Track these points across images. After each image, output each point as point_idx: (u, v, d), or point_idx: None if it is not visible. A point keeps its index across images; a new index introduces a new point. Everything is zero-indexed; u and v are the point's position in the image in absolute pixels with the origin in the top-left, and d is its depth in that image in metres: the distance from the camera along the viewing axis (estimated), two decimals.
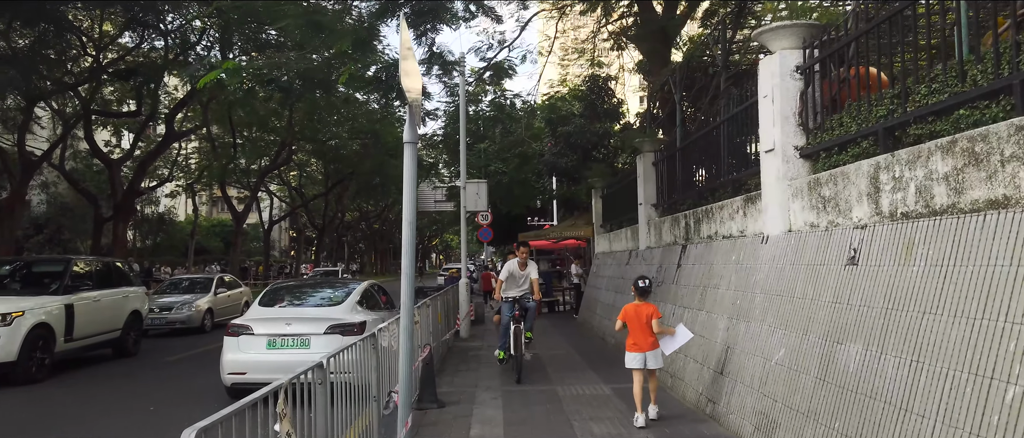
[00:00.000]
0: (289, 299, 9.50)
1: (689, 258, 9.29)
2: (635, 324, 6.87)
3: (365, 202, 61.04)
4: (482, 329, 16.87)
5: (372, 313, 9.54)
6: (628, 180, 14.91)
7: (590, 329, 15.56)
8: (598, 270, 16.99)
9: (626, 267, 13.50)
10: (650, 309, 6.94)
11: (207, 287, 17.94)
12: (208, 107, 29.15)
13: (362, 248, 78.90)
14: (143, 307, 13.30)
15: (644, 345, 6.81)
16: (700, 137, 9.78)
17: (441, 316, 11.80)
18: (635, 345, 6.84)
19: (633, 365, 6.86)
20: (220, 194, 36.93)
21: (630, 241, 13.76)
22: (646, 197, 12.21)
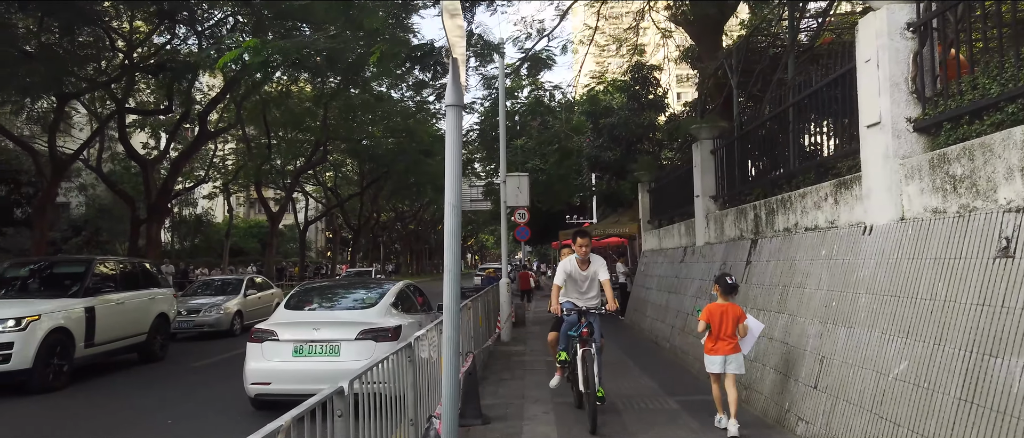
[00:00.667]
0: (318, 301, 8.70)
1: (761, 254, 8.25)
2: (721, 326, 6.31)
3: (400, 202, 60.70)
4: (523, 332, 15.96)
5: (408, 316, 8.70)
6: (680, 172, 13.86)
7: (640, 332, 14.54)
8: (646, 269, 15.96)
9: (680, 265, 12.47)
10: (738, 310, 6.40)
11: (237, 289, 17.35)
12: (242, 106, 28.81)
13: (398, 248, 78.67)
14: (171, 310, 12.66)
15: (726, 348, 6.29)
16: (769, 119, 8.74)
17: (482, 319, 10.92)
18: (716, 348, 6.32)
19: (713, 369, 6.36)
20: (256, 195, 36.56)
21: (684, 237, 12.73)
22: (704, 189, 11.18)
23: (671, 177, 14.64)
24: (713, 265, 10.29)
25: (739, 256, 9.08)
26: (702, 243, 11.25)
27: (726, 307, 6.32)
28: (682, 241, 12.88)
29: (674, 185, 14.26)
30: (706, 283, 10.42)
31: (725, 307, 6.31)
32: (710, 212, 11.04)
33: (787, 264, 7.32)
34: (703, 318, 6.38)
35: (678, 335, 11.28)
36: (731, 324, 6.27)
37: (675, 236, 13.52)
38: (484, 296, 12.46)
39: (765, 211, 8.32)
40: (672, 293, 12.57)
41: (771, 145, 8.99)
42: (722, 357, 6.25)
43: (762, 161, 9.41)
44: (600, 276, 7.48)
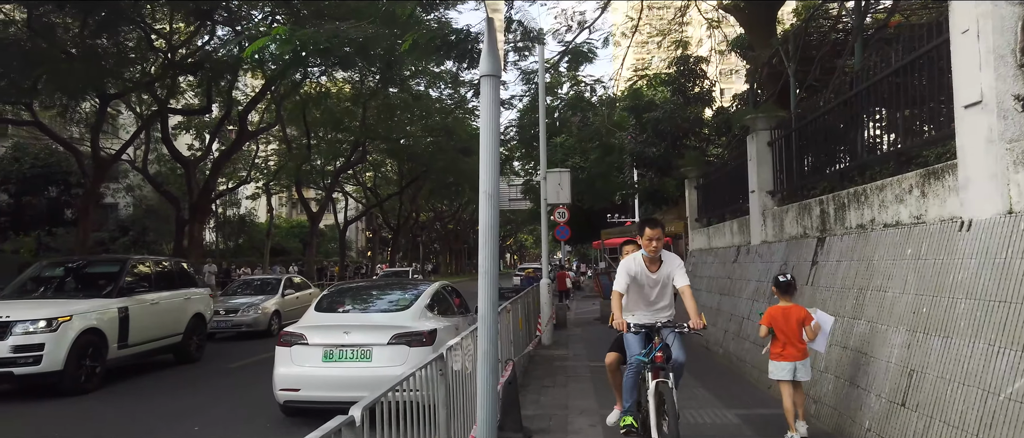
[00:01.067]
0: (350, 303, 8.25)
1: (830, 253, 7.52)
2: (784, 329, 5.93)
3: (439, 202, 60.59)
4: (564, 335, 15.35)
5: (444, 319, 8.19)
6: (732, 166, 13.10)
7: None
8: (694, 269, 15.20)
9: (733, 265, 11.73)
10: (801, 312, 5.98)
11: (275, 289, 17.12)
12: (281, 106, 28.79)
13: (437, 248, 78.68)
14: (207, 310, 12.41)
15: (794, 353, 5.90)
16: (837, 105, 7.98)
17: (522, 322, 10.37)
18: (782, 353, 5.93)
19: (780, 376, 5.95)
20: (296, 195, 36.65)
21: (737, 235, 11.98)
22: (760, 183, 10.43)
23: (721, 172, 13.89)
24: (771, 265, 9.55)
25: (803, 256, 8.35)
26: (758, 241, 10.50)
27: (788, 309, 5.95)
28: (734, 240, 12.13)
29: (724, 181, 13.51)
30: (763, 285, 9.70)
31: (787, 309, 5.95)
32: (767, 208, 10.29)
33: (863, 265, 6.59)
34: (765, 323, 6.01)
35: (732, 340, 10.56)
36: (796, 327, 5.88)
37: (726, 235, 12.77)
38: (524, 298, 11.92)
39: (834, 206, 7.58)
40: (724, 295, 11.84)
41: (838, 134, 8.23)
42: (792, 363, 5.86)
43: (828, 152, 8.65)
44: (677, 281, 5.89)
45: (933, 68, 5.69)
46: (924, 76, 5.95)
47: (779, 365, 5.91)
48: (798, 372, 5.84)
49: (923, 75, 5.96)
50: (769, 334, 5.99)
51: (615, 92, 23.04)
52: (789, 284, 6.05)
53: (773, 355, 5.96)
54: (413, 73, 28.81)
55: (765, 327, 5.98)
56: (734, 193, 12.87)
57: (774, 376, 5.96)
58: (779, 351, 5.91)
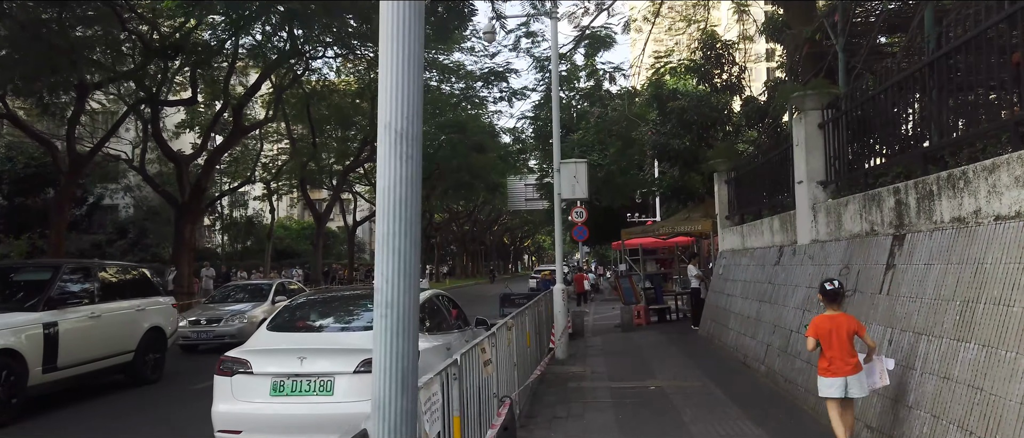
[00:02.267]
0: (313, 320, 6.79)
1: (914, 254, 5.94)
2: (832, 341, 5.39)
3: (454, 203, 59.16)
4: (581, 345, 13.82)
5: (433, 338, 6.73)
6: (770, 156, 11.52)
7: (722, 348, 12.23)
8: (726, 273, 13.62)
9: (775, 269, 10.14)
10: (852, 323, 5.44)
11: (265, 295, 15.75)
12: (282, 100, 27.54)
13: (453, 250, 77.27)
14: (168, 322, 10.90)
15: (845, 367, 5.34)
16: (917, 72, 6.40)
17: (530, 338, 8.87)
18: (832, 368, 5.39)
19: (830, 393, 5.42)
20: (302, 195, 35.41)
21: (779, 234, 10.39)
22: (809, 172, 8.85)
23: (757, 163, 12.30)
24: (826, 268, 7.97)
25: (872, 257, 6.77)
26: (808, 240, 8.91)
27: (836, 318, 5.43)
28: (776, 239, 10.54)
29: (762, 172, 11.93)
30: (816, 291, 8.12)
31: (835, 318, 5.43)
32: (818, 202, 8.70)
33: (968, 269, 5.02)
34: (811, 334, 5.50)
35: (778, 357, 8.98)
36: (846, 338, 5.34)
37: (765, 233, 11.18)
38: (535, 306, 10.44)
39: (916, 195, 6.01)
40: (765, 302, 10.26)
41: (911, 108, 6.66)
42: (842, 379, 5.31)
43: (898, 130, 7.07)
44: None
45: None
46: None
47: (828, 381, 5.38)
48: (850, 388, 5.30)
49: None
50: (817, 348, 5.45)
51: (635, 82, 21.44)
52: (837, 292, 5.52)
53: (821, 370, 5.44)
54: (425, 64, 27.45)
55: (812, 339, 5.45)
56: (773, 186, 11.30)
57: (823, 393, 5.46)
58: (826, 366, 5.40)
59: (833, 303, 5.50)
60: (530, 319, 9.43)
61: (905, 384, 5.55)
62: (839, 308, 5.52)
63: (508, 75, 21.33)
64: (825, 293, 5.54)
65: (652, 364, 11.04)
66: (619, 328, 16.91)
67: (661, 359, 11.56)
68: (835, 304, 5.51)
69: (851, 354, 5.33)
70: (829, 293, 5.51)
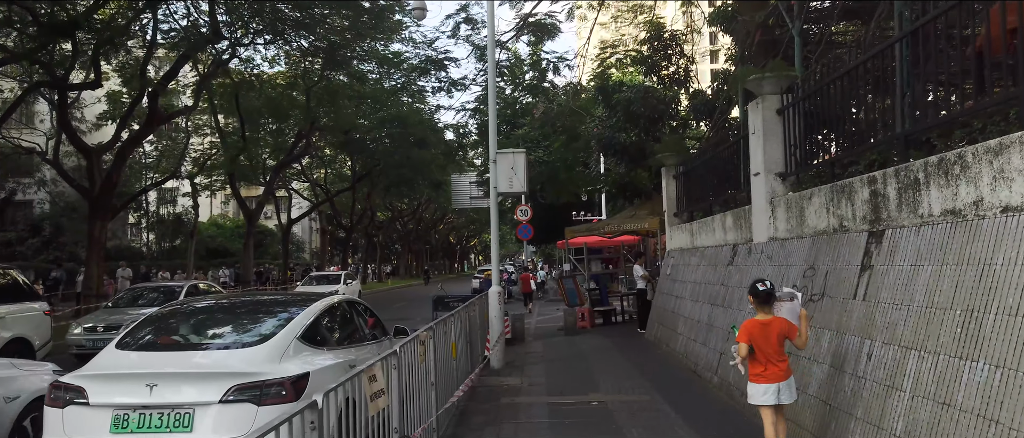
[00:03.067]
0: (182, 334, 5.55)
1: (895, 254, 5.10)
2: (762, 346, 5.12)
3: (399, 201, 57.58)
4: (521, 352, 12.81)
5: (333, 354, 5.60)
6: (722, 148, 10.73)
7: (670, 354, 11.38)
8: (674, 273, 12.80)
9: (728, 269, 9.31)
10: (783, 325, 5.17)
11: (176, 297, 14.25)
12: (206, 87, 25.76)
13: (398, 249, 75.51)
14: (36, 333, 9.41)
15: (776, 373, 5.12)
16: (890, 46, 5.57)
17: (457, 348, 7.80)
18: (764, 374, 5.13)
19: (764, 400, 5.16)
20: (231, 191, 33.50)
21: (732, 231, 9.57)
22: (767, 163, 8.01)
23: (708, 156, 11.49)
24: (787, 269, 7.15)
25: (843, 257, 5.92)
26: (765, 238, 8.08)
27: (767, 322, 5.13)
28: (728, 237, 9.72)
29: (712, 166, 11.13)
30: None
31: (766, 322, 5.14)
32: (777, 195, 7.88)
33: (971, 271, 4.16)
34: (742, 339, 5.17)
35: (733, 368, 8.10)
36: (777, 342, 5.12)
37: (717, 231, 10.36)
38: (469, 309, 9.39)
39: (897, 185, 5.16)
40: (717, 306, 9.42)
41: (888, 86, 5.83)
42: (775, 385, 5.10)
43: (871, 112, 6.26)
44: None
45: None
46: None
47: (761, 387, 5.12)
48: (782, 394, 5.11)
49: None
50: (749, 353, 5.12)
51: (580, 74, 20.57)
52: (770, 294, 5.19)
53: (753, 376, 5.17)
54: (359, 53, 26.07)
55: (744, 345, 5.12)
56: (725, 181, 10.51)
57: (755, 401, 5.20)
58: (760, 371, 5.14)
59: (765, 306, 5.16)
60: (459, 326, 8.36)
61: (889, 407, 4.69)
62: (771, 311, 5.17)
63: (446, 64, 20.22)
64: (757, 295, 5.17)
65: (596, 373, 10.10)
66: (562, 331, 15.99)
67: (605, 367, 10.64)
68: (767, 307, 5.17)
69: (781, 357, 5.12)
70: (762, 295, 5.15)
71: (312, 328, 5.55)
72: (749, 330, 5.14)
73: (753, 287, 5.24)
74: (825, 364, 5.80)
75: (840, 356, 5.58)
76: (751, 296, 5.25)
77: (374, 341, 6.82)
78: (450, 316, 7.57)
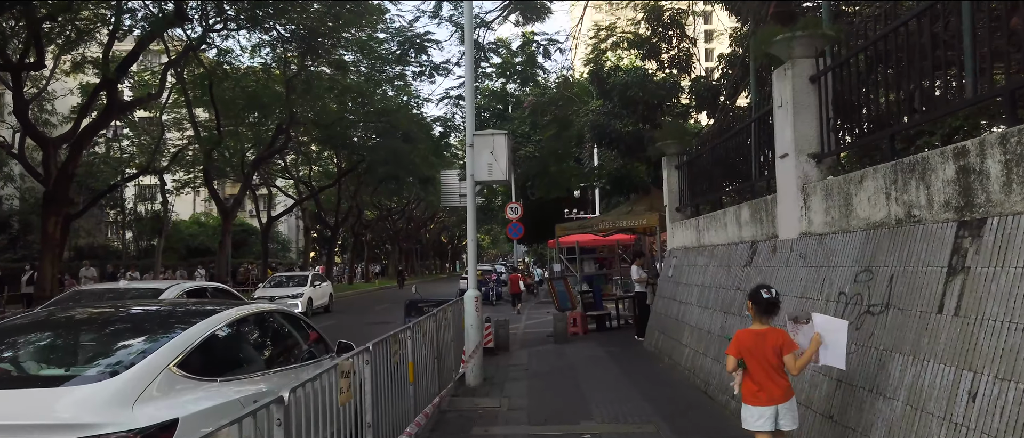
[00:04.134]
0: (21, 361, 4.01)
1: (1007, 251, 3.64)
2: (757, 361, 4.38)
3: (387, 199, 55.96)
4: (502, 364, 11.32)
5: (227, 387, 4.08)
6: (733, 132, 9.26)
7: (674, 369, 9.92)
8: (678, 275, 11.34)
9: (746, 271, 7.85)
10: (780, 337, 4.41)
11: (106, 302, 12.72)
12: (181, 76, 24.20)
13: (388, 248, 73.82)
14: None
15: (774, 393, 4.35)
16: None
17: (414, 368, 6.30)
18: (759, 394, 4.37)
19: (760, 425, 4.40)
20: (206, 187, 31.88)
21: (749, 227, 8.11)
22: (797, 142, 6.55)
23: (717, 143, 10.03)
24: (831, 272, 5.70)
25: (918, 256, 4.46)
26: (795, 233, 6.62)
27: (762, 333, 4.45)
28: (744, 233, 8.26)
29: (722, 153, 9.68)
30: (810, 302, 5.84)
31: (760, 333, 4.45)
32: (811, 180, 6.42)
33: None
34: (732, 352, 4.49)
35: None
36: (773, 356, 4.38)
37: (729, 226, 8.90)
38: (442, 313, 7.91)
39: (1002, 156, 3.70)
40: (732, 314, 7.96)
41: None
42: (773, 408, 4.37)
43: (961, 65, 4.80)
44: None
45: None
46: None
47: (757, 411, 4.43)
48: (781, 419, 4.41)
49: None
50: (739, 368, 4.47)
51: (572, 57, 19.06)
52: (774, 303, 4.54)
53: (747, 397, 4.49)
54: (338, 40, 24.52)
55: (734, 358, 4.48)
56: (738, 169, 9.08)
57: (749, 425, 4.50)
58: (755, 390, 4.43)
59: (765, 316, 4.53)
60: (422, 339, 6.88)
61: None
62: (769, 322, 4.54)
63: (428, 45, 18.77)
64: (760, 303, 4.53)
65: (588, 393, 8.63)
66: (552, 338, 14.51)
67: (600, 385, 9.16)
68: (767, 317, 4.54)
69: (781, 375, 4.45)
70: (764, 303, 4.52)
71: (199, 352, 4.04)
72: (740, 341, 4.51)
73: (755, 293, 4.57)
74: (896, 400, 4.33)
75: (920, 392, 4.11)
76: (751, 302, 4.59)
77: (308, 362, 5.33)
78: (404, 330, 6.08)
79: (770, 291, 4.55)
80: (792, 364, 4.41)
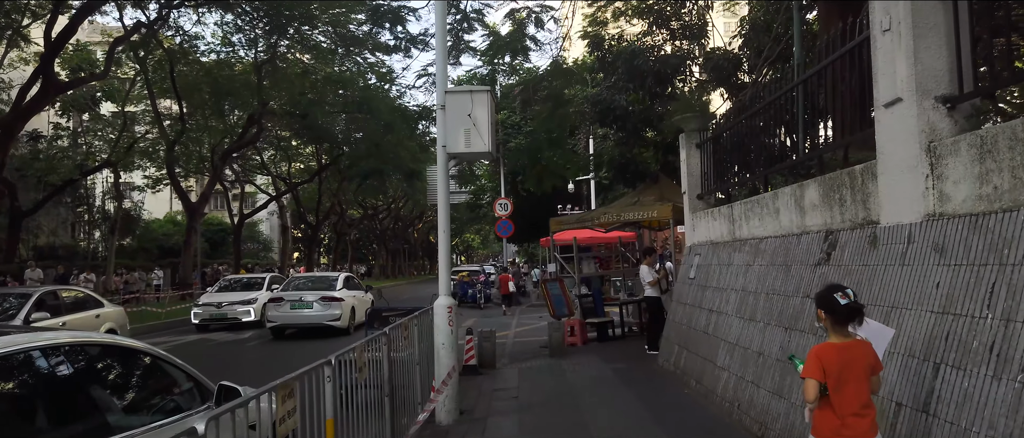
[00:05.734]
0: None
1: None
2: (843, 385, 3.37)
3: (374, 197, 53.67)
4: (486, 388, 9.10)
5: None
6: (779, 93, 7.07)
7: (704, 396, 7.74)
8: (703, 276, 9.16)
9: (820, 270, 5.68)
10: (870, 353, 3.49)
11: (19, 307, 10.48)
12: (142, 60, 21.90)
13: (375, 248, 71.42)
14: None
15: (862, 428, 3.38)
16: None
17: (356, 416, 4.07)
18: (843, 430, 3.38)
19: None
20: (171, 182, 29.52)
21: (820, 211, 5.93)
22: (918, 81, 4.37)
23: (756, 108, 7.83)
24: (1003, 272, 3.53)
25: None
26: (917, 216, 4.44)
27: (849, 348, 3.44)
28: (812, 220, 6.08)
29: (761, 123, 7.53)
30: (973, 323, 3.69)
31: (847, 348, 3.44)
32: (942, 137, 4.25)
33: None
34: (813, 374, 3.39)
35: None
36: (864, 378, 3.41)
37: (785, 212, 6.72)
38: (373, 344, 5.71)
39: None
40: (797, 330, 5.78)
41: None
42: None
43: None
44: None
45: None
46: None
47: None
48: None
49: None
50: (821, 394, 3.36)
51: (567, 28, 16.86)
52: (855, 308, 3.43)
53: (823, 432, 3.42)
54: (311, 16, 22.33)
55: (813, 382, 3.37)
56: (783, 141, 6.93)
57: None
58: (836, 426, 3.37)
59: (844, 326, 3.44)
60: (365, 373, 4.67)
61: None
62: (851, 334, 3.45)
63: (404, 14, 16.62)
64: (838, 309, 3.41)
65: (596, 432, 6.44)
66: (547, 350, 12.33)
67: (612, 421, 6.98)
68: (845, 328, 3.44)
69: (869, 404, 3.41)
70: (846, 309, 3.41)
71: None
72: (822, 358, 3.41)
73: (829, 297, 3.48)
74: None
75: None
76: (824, 310, 3.51)
77: (158, 423, 3.14)
78: (324, 365, 3.88)
79: (847, 294, 3.50)
80: (876, 386, 3.55)
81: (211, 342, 16.32)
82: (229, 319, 18.04)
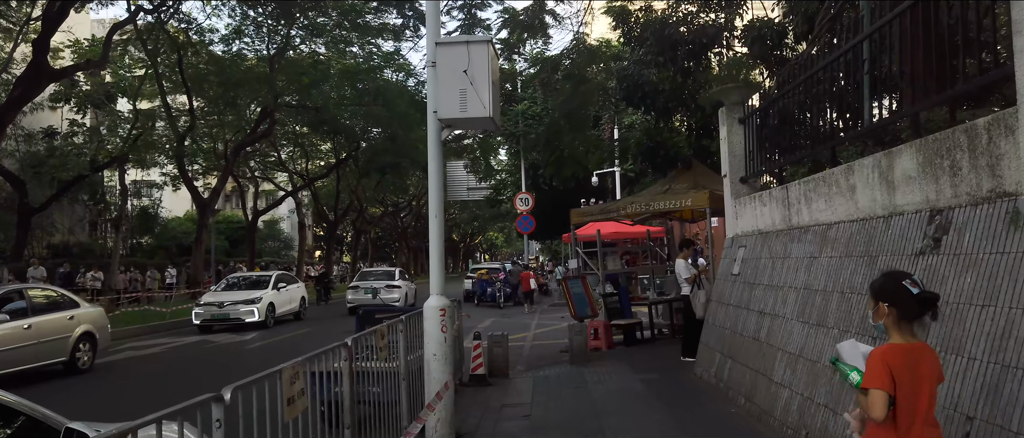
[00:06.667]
0: None
1: None
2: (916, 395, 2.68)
3: (394, 195, 52.68)
4: (494, 404, 7.78)
5: None
6: (850, 46, 5.65)
7: (759, 419, 6.36)
8: (750, 272, 7.76)
9: (923, 261, 4.28)
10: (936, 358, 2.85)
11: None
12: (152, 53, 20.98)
13: (396, 246, 70.49)
14: None
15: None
16: None
17: None
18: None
19: None
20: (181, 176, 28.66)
21: (920, 185, 4.54)
22: None
23: (815, 70, 6.40)
24: None
25: None
26: None
27: (915, 351, 2.73)
28: (908, 197, 4.68)
29: (824, 87, 6.11)
30: None
31: (913, 351, 2.73)
32: None
33: None
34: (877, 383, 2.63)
35: None
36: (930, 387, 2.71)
37: (863, 190, 5.32)
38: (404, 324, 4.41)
39: None
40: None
41: None
42: None
43: None
44: None
45: None
46: None
47: None
48: None
49: None
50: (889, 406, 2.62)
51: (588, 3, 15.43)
52: (928, 299, 2.70)
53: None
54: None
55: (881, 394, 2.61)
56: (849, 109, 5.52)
57: None
58: None
59: (912, 323, 2.73)
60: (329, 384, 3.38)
61: None
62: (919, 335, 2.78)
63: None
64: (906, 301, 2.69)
65: None
66: (567, 356, 10.99)
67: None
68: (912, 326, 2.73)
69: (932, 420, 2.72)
70: (918, 300, 2.69)
71: None
72: (888, 363, 2.64)
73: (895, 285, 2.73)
74: None
75: None
76: (887, 302, 2.73)
77: None
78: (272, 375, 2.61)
79: (915, 281, 2.76)
80: None
81: (210, 344, 15.32)
82: (231, 319, 17.05)
